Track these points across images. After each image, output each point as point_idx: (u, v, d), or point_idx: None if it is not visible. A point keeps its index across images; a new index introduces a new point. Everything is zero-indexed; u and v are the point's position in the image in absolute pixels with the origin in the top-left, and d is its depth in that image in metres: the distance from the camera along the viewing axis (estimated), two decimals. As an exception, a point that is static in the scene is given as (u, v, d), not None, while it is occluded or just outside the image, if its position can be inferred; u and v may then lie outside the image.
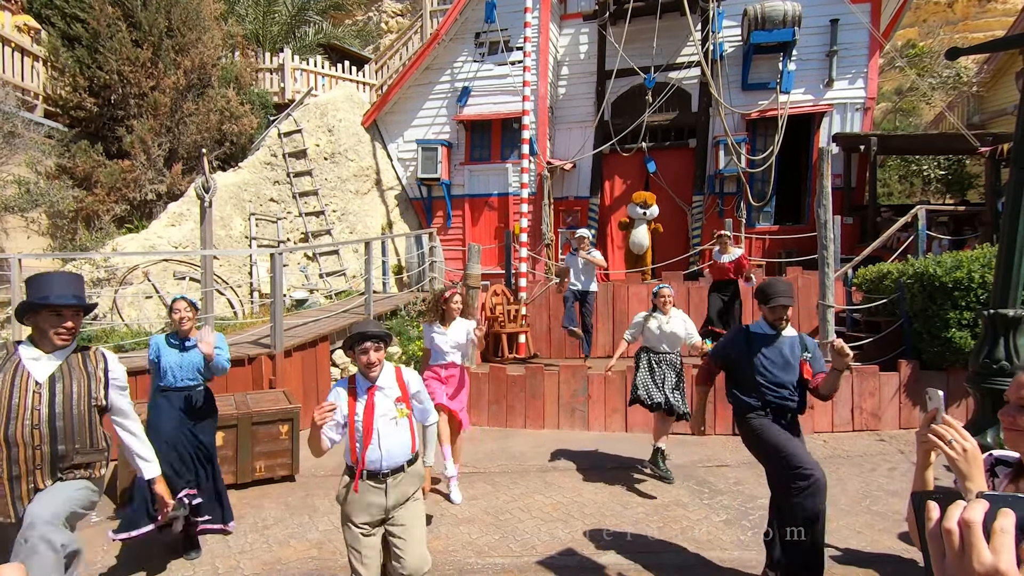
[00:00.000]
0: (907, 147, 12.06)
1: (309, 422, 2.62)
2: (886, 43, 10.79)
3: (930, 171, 14.23)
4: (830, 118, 10.49)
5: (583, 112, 11.51)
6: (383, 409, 2.74)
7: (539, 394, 6.95)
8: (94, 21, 9.18)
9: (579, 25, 11.59)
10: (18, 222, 8.38)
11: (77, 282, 2.54)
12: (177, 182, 9.76)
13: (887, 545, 3.91)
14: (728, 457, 5.78)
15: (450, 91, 11.82)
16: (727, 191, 10.82)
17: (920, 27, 20.18)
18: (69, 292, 2.46)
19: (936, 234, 9.02)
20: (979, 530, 0.73)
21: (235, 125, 10.55)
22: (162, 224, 9.23)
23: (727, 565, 3.68)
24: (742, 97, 10.64)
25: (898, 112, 17.67)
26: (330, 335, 7.45)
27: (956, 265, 6.27)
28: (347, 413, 2.72)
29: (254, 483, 5.10)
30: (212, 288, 7.70)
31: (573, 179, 11.57)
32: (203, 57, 10.05)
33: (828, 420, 6.48)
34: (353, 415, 2.72)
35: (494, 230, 11.63)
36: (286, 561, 3.80)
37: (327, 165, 11.40)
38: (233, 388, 6.11)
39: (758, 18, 9.93)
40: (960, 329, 6.18)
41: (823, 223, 6.77)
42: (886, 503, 4.59)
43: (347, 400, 2.74)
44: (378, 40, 17.02)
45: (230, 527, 4.03)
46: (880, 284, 7.51)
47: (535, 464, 5.65)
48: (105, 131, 9.56)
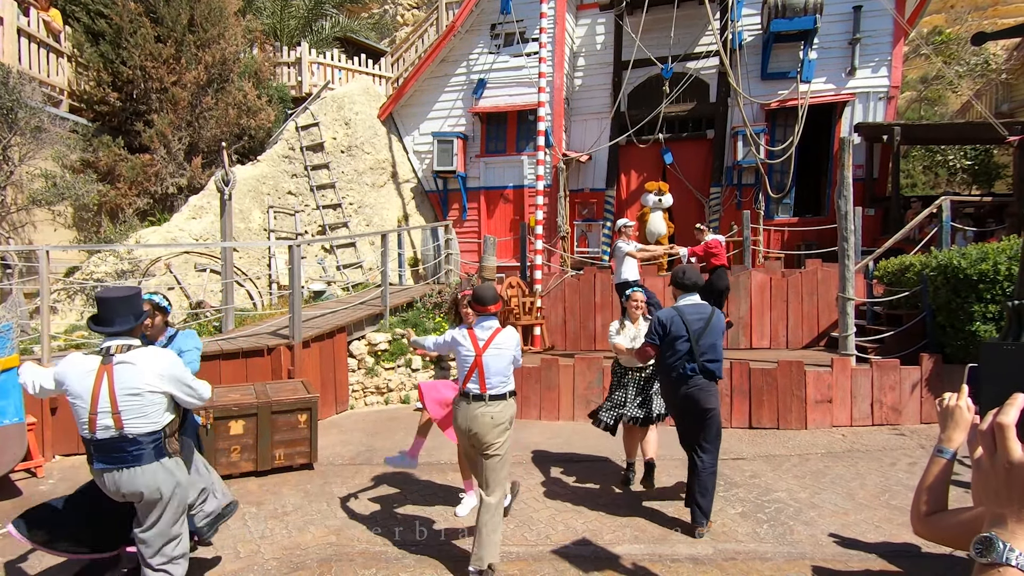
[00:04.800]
0: (932, 137, 11.77)
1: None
2: (911, 30, 10.53)
3: (956, 161, 13.89)
4: (852, 107, 10.29)
5: (599, 103, 11.42)
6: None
7: (554, 386, 6.97)
8: (118, 17, 9.33)
9: (596, 15, 11.48)
10: (45, 215, 8.59)
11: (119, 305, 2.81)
12: (197, 176, 9.92)
13: (906, 539, 3.87)
14: (744, 450, 5.75)
15: (466, 83, 11.81)
16: (745, 182, 10.68)
17: (947, 13, 19.62)
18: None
19: (961, 225, 8.83)
20: (1011, 432, 0.81)
21: (253, 119, 10.67)
22: (183, 217, 9.39)
23: (742, 557, 3.68)
24: (761, 87, 10.48)
25: (923, 101, 17.25)
26: (347, 326, 7.53)
27: (982, 257, 6.13)
28: None
29: (273, 471, 5.19)
30: (232, 279, 7.83)
31: (589, 171, 11.51)
32: (224, 52, 10.17)
33: (847, 414, 6.41)
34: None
35: (509, 222, 11.63)
36: (305, 547, 3.87)
37: (344, 158, 11.48)
38: (253, 378, 6.22)
39: (779, 6, 9.75)
40: (985, 322, 6.06)
41: (844, 214, 6.66)
42: (905, 497, 4.53)
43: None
44: (394, 33, 17.05)
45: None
46: (902, 276, 7.38)
47: (550, 454, 5.68)
48: (127, 126, 9.74)
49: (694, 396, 3.92)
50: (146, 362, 2.77)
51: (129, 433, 2.72)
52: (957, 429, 1.19)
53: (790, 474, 5.10)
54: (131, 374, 2.73)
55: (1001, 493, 0.81)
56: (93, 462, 2.78)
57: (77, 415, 2.74)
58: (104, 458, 2.75)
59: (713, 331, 3.98)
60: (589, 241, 11.52)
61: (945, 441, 1.21)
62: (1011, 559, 0.76)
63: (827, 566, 3.56)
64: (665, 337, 4.00)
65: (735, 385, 6.50)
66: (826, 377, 6.40)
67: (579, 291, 9.17)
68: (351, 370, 7.60)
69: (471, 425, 3.52)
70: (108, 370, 2.72)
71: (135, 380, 2.72)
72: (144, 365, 2.76)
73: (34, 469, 5.15)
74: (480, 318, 3.68)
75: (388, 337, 7.93)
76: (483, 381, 3.53)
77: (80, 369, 2.74)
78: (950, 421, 1.21)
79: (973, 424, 0.92)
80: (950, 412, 1.21)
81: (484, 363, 3.53)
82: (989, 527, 0.82)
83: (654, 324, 4.07)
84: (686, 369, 3.92)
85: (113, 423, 2.70)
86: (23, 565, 3.65)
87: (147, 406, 2.75)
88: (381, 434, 6.38)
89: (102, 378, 2.71)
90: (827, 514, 4.29)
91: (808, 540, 3.89)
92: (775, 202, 10.56)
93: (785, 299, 8.71)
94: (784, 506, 4.43)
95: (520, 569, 3.56)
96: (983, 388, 0.95)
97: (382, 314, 8.19)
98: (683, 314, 4.00)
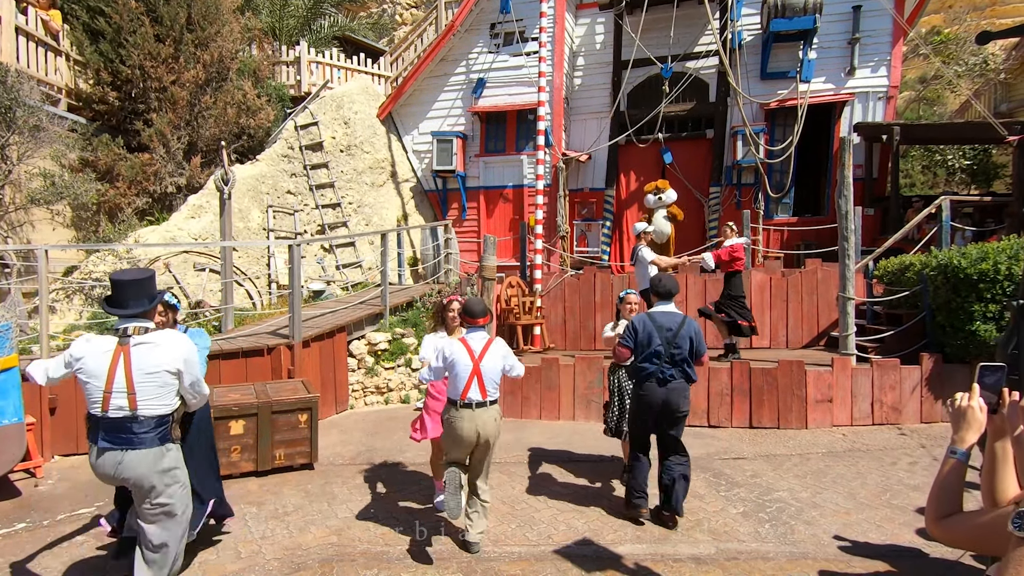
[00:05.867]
0: (931, 136, 11.78)
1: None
2: (910, 30, 10.54)
3: (955, 161, 13.90)
4: (851, 107, 10.30)
5: (599, 103, 11.42)
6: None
7: (554, 385, 6.96)
8: (117, 16, 9.30)
9: (595, 15, 11.48)
10: (44, 214, 8.56)
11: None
12: (196, 175, 9.89)
13: (907, 539, 3.87)
14: (745, 450, 5.75)
15: (465, 83, 11.80)
16: (745, 182, 10.68)
17: (946, 13, 19.64)
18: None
19: (960, 225, 8.84)
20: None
21: (252, 118, 10.64)
22: (182, 216, 9.36)
23: (744, 557, 3.68)
24: (761, 86, 10.48)
25: (922, 101, 17.27)
26: (347, 326, 7.52)
27: (982, 256, 6.14)
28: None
29: (274, 471, 5.18)
30: (231, 279, 7.81)
31: (589, 171, 11.51)
32: (222, 51, 10.14)
33: (848, 414, 6.42)
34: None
35: (509, 222, 11.62)
36: (306, 547, 3.86)
37: (343, 157, 11.46)
38: (253, 377, 6.21)
39: (778, 5, 9.75)
40: (985, 322, 6.06)
41: (843, 214, 6.67)
42: (906, 497, 4.54)
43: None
44: (393, 32, 17.03)
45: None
46: (902, 276, 7.38)
47: (550, 454, 5.67)
48: (126, 125, 9.71)
49: (672, 400, 4.08)
50: (169, 343, 2.84)
51: (142, 415, 2.77)
52: (970, 429, 1.18)
53: (791, 474, 5.11)
54: (151, 354, 2.78)
55: None
56: (98, 440, 2.79)
57: (89, 394, 2.78)
58: (111, 437, 2.77)
59: (683, 337, 4.11)
60: (589, 241, 11.51)
61: (958, 442, 1.20)
62: None
63: (829, 566, 3.55)
64: (638, 342, 4.13)
65: (735, 385, 6.50)
66: (826, 377, 6.40)
67: (579, 291, 9.16)
68: (351, 370, 7.58)
69: (481, 430, 3.64)
70: (125, 351, 2.77)
71: (156, 360, 2.78)
72: (167, 346, 2.82)
73: (33, 469, 5.12)
74: (470, 329, 3.82)
75: (388, 337, 7.91)
76: (483, 388, 3.68)
77: (97, 349, 2.79)
78: (962, 421, 1.20)
79: (1013, 402, 0.91)
80: (962, 412, 1.20)
81: (482, 370, 3.68)
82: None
83: (628, 328, 4.19)
84: (665, 373, 4.07)
85: (128, 403, 2.74)
86: (30, 565, 3.63)
87: (162, 387, 2.81)
88: (381, 434, 6.37)
89: (119, 358, 2.75)
90: (829, 514, 4.29)
91: (810, 540, 3.89)
92: (775, 202, 10.56)
93: (785, 299, 8.71)
94: (785, 505, 4.44)
95: (523, 569, 3.55)
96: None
97: (382, 314, 8.18)
98: (655, 320, 4.15)
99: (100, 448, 2.79)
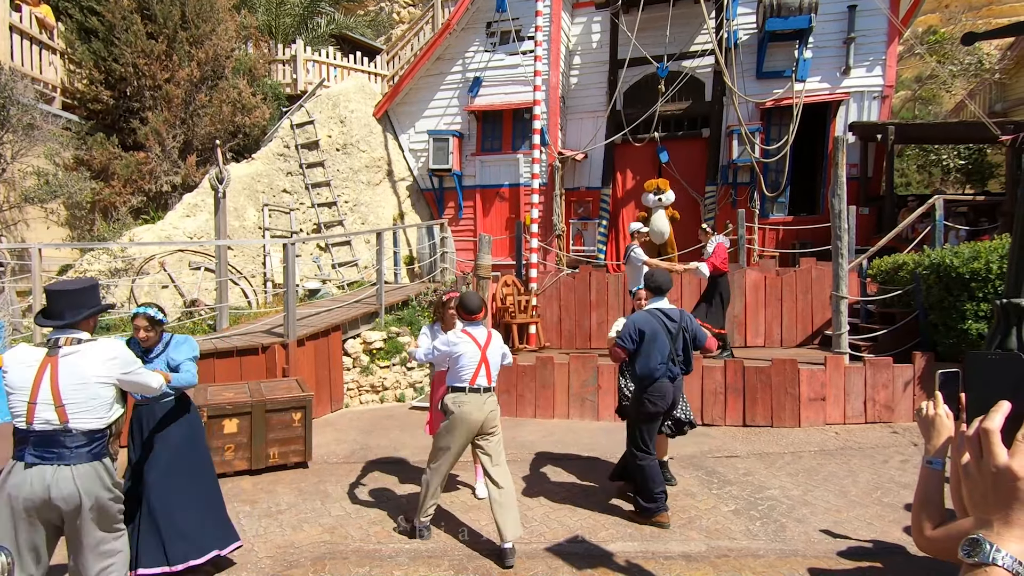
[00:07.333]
0: (926, 136, 11.82)
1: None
2: (905, 30, 10.57)
3: (949, 161, 13.94)
4: (847, 107, 10.33)
5: (595, 102, 11.43)
6: None
7: (549, 384, 6.98)
8: (109, 13, 9.27)
9: (591, 13, 11.48)
10: (38, 213, 8.54)
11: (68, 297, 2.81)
12: (192, 174, 9.87)
13: (897, 537, 3.90)
14: (738, 448, 5.78)
15: (461, 81, 11.79)
16: (741, 181, 10.71)
17: (941, 13, 19.70)
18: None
19: (954, 224, 8.87)
20: (996, 437, 0.84)
21: (248, 117, 10.62)
22: (177, 215, 9.35)
23: (735, 555, 3.70)
24: (756, 86, 10.50)
25: (917, 100, 17.31)
26: (342, 324, 7.52)
27: (974, 256, 6.17)
28: None
29: (268, 469, 5.19)
30: (226, 278, 7.80)
31: (585, 169, 11.52)
32: (217, 49, 10.12)
33: (840, 412, 6.44)
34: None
35: (505, 221, 11.63)
36: (299, 545, 3.87)
37: (339, 156, 11.45)
38: (247, 376, 6.21)
39: (774, 5, 9.77)
40: (977, 321, 6.09)
41: (837, 213, 6.69)
42: (897, 495, 4.57)
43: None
44: (390, 30, 16.99)
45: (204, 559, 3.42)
46: (895, 275, 7.42)
47: (545, 453, 5.69)
48: (121, 123, 9.69)
49: (676, 395, 4.23)
50: (94, 351, 2.71)
51: (74, 428, 2.63)
52: (940, 437, 1.19)
53: (783, 471, 5.13)
54: (79, 365, 2.65)
55: (988, 497, 0.84)
56: (24, 456, 2.61)
57: (13, 408, 2.63)
58: (40, 452, 2.61)
59: (688, 330, 4.23)
60: (585, 239, 11.53)
61: (931, 451, 1.21)
62: (997, 559, 0.79)
63: (819, 563, 3.58)
64: (643, 341, 4.12)
65: (729, 383, 6.53)
66: (820, 375, 6.43)
67: (574, 289, 9.18)
68: (346, 368, 7.58)
69: (485, 414, 3.79)
70: (53, 362, 2.63)
71: (83, 370, 2.65)
72: (92, 354, 2.70)
73: None
74: (467, 324, 3.92)
75: (383, 335, 7.92)
76: (489, 374, 3.84)
77: (23, 360, 2.66)
78: (932, 430, 1.21)
79: (959, 432, 0.93)
80: (930, 421, 1.22)
81: (488, 358, 3.85)
82: (976, 529, 0.84)
83: (629, 329, 4.15)
84: (673, 372, 4.12)
85: (57, 416, 2.60)
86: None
87: (94, 399, 2.67)
88: (376, 432, 6.37)
89: (44, 369, 2.62)
90: (820, 511, 4.31)
91: (801, 537, 3.92)
92: (770, 201, 10.59)
93: (779, 297, 8.74)
94: (777, 503, 4.46)
95: (514, 567, 3.57)
96: (969, 396, 0.97)
97: (377, 312, 8.18)
98: (658, 317, 4.17)
99: (28, 463, 2.60)
